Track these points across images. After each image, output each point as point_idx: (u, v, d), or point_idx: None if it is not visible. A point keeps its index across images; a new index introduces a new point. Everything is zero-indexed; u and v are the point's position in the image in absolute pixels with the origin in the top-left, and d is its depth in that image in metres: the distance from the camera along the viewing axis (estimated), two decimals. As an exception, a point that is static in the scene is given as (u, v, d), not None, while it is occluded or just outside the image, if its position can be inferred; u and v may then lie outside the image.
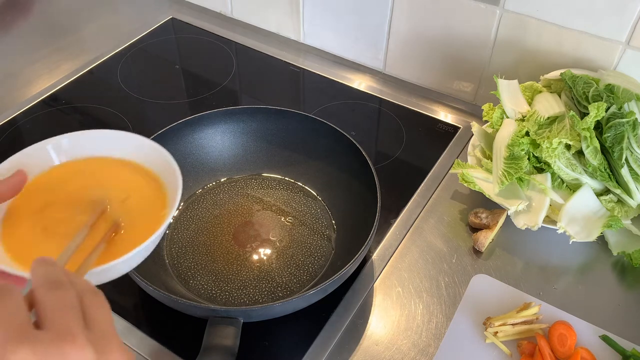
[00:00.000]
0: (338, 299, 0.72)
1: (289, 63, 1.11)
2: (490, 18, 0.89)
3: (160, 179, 0.53)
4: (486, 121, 0.86)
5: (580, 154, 0.75)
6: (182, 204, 0.80)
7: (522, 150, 0.76)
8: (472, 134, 0.87)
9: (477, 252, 0.77)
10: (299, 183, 0.85)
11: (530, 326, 0.67)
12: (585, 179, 0.76)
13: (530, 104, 0.83)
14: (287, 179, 0.85)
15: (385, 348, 0.67)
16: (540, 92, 0.84)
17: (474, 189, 0.80)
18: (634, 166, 0.74)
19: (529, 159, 0.77)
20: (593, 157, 0.73)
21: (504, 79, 0.84)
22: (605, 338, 0.67)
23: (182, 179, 0.51)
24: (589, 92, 0.76)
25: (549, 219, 0.77)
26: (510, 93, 0.84)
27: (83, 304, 0.36)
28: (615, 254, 0.76)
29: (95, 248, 0.46)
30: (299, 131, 0.83)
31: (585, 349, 0.65)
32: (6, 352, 0.32)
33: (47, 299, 0.36)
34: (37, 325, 0.35)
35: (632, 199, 0.75)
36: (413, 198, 0.85)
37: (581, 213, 0.75)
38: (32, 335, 0.34)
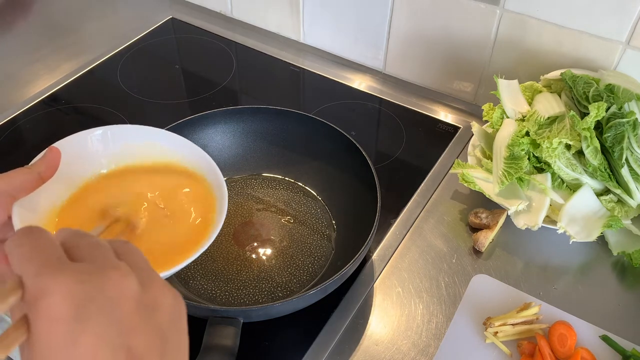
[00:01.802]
0: (338, 299, 0.72)
1: (289, 63, 1.11)
2: (490, 18, 0.89)
3: (211, 189, 0.53)
4: (486, 121, 0.86)
5: (580, 154, 0.75)
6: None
7: (522, 150, 0.76)
8: (472, 134, 0.87)
9: (477, 252, 0.77)
10: (299, 183, 0.85)
11: (530, 326, 0.67)
12: (585, 179, 0.75)
13: (530, 104, 0.83)
14: (287, 179, 0.85)
15: (385, 348, 0.67)
16: (541, 92, 0.84)
17: (474, 189, 0.80)
18: (634, 166, 0.74)
19: (529, 159, 0.77)
20: (593, 157, 0.73)
21: (504, 79, 0.84)
22: (605, 338, 0.67)
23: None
24: (589, 92, 0.76)
25: (549, 219, 0.77)
26: (510, 93, 0.84)
27: (115, 248, 0.34)
28: (615, 254, 0.76)
29: None
30: (299, 131, 0.83)
31: (586, 349, 0.65)
32: (44, 279, 0.30)
33: (79, 242, 0.33)
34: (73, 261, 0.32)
35: (632, 199, 0.74)
36: (413, 198, 0.85)
37: (581, 213, 0.75)
38: (71, 264, 0.31)
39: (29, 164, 0.46)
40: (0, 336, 0.29)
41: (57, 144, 0.48)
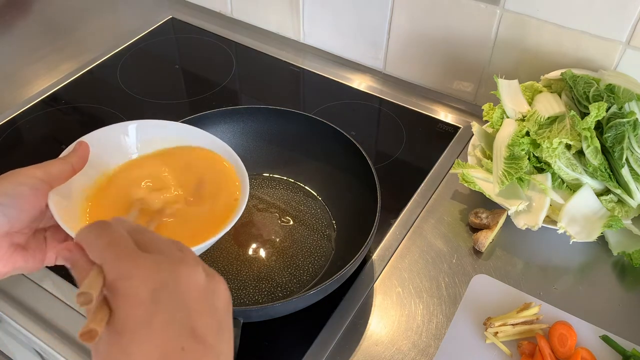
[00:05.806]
0: (338, 299, 0.72)
1: (289, 63, 1.11)
2: (491, 18, 0.89)
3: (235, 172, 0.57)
4: (486, 121, 0.86)
5: (580, 153, 0.75)
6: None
7: (523, 150, 0.76)
8: (472, 134, 0.87)
9: (477, 252, 0.77)
10: (299, 183, 0.85)
11: (530, 326, 0.67)
12: (585, 179, 0.75)
13: (530, 103, 0.83)
14: (287, 179, 0.85)
15: (385, 348, 0.67)
16: (541, 92, 0.84)
17: (474, 189, 0.80)
18: (634, 166, 0.74)
19: (529, 159, 0.77)
20: (593, 157, 0.73)
21: (504, 78, 0.84)
22: (605, 338, 0.67)
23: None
24: (589, 92, 0.76)
25: (549, 219, 0.77)
26: (510, 93, 0.84)
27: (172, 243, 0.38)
28: (615, 254, 0.76)
29: None
30: (299, 131, 0.83)
31: (586, 349, 0.65)
32: (124, 264, 0.34)
33: (142, 236, 0.37)
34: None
35: (633, 199, 0.74)
36: (413, 198, 0.85)
37: (581, 213, 0.75)
38: (146, 254, 0.35)
39: (61, 156, 0.50)
40: (91, 316, 0.33)
41: (87, 137, 0.53)
